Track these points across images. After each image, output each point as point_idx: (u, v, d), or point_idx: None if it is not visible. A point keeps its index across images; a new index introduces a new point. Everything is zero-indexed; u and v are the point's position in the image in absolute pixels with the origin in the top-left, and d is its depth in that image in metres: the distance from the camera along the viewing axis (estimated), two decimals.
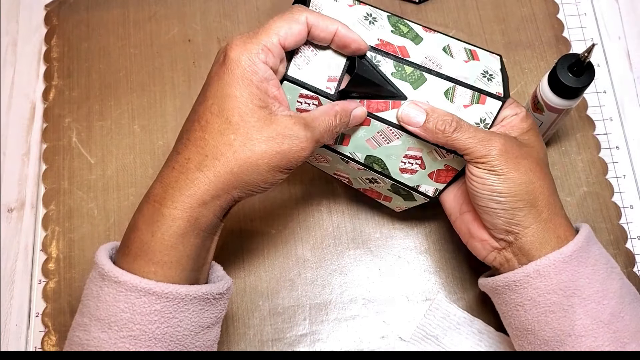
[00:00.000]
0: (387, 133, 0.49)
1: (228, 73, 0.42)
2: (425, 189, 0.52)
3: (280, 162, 0.43)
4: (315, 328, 0.58)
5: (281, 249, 0.61)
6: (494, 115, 0.49)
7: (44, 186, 0.63)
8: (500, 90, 0.49)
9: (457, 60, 0.49)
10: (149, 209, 0.43)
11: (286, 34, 0.43)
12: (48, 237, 0.61)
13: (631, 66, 0.68)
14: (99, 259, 0.43)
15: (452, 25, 0.69)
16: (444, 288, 0.59)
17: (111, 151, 0.64)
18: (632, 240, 0.61)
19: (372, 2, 0.69)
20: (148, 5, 0.70)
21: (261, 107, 0.42)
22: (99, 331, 0.41)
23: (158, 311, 0.41)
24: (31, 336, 0.59)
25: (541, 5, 0.70)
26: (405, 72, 0.48)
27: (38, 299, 0.60)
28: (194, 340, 0.43)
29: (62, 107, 0.66)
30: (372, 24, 0.48)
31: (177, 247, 0.42)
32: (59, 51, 0.68)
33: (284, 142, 0.42)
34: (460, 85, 0.48)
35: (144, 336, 0.41)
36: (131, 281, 0.41)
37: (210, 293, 0.43)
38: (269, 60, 0.43)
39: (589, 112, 0.66)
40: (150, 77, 0.67)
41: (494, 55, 0.52)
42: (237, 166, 0.42)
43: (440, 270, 0.60)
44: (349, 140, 0.50)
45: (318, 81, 0.46)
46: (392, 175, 0.51)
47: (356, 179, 0.55)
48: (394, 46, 0.48)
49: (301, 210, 0.62)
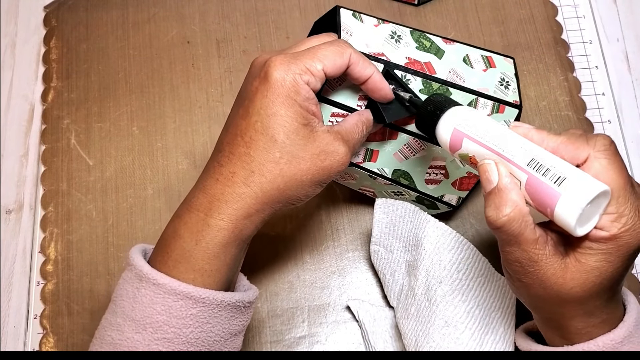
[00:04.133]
0: (413, 144, 0.51)
1: (272, 92, 0.43)
2: (449, 198, 0.55)
3: (322, 177, 0.45)
4: (314, 330, 0.58)
5: (280, 251, 0.61)
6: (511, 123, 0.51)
7: (43, 188, 0.63)
8: (516, 99, 0.52)
9: (476, 70, 0.52)
10: (192, 217, 0.44)
11: (330, 64, 0.44)
12: (46, 239, 0.61)
13: (630, 68, 0.68)
14: (135, 261, 0.43)
15: (451, 28, 0.69)
16: None
17: (110, 153, 0.64)
18: None
19: (373, 5, 0.70)
20: (147, 7, 0.70)
21: (304, 124, 0.44)
22: (133, 332, 0.42)
23: (194, 315, 0.42)
24: (29, 338, 0.58)
25: (540, 7, 0.70)
26: (432, 88, 0.50)
27: (36, 301, 0.59)
28: (223, 347, 0.44)
29: (61, 108, 0.66)
30: (398, 42, 0.50)
31: (220, 256, 0.43)
32: (58, 52, 0.68)
33: (327, 158, 0.44)
34: (482, 97, 0.51)
35: (178, 339, 0.42)
36: (170, 284, 0.42)
37: (242, 301, 0.45)
38: (310, 82, 0.44)
39: (587, 115, 0.66)
40: (149, 78, 0.67)
41: (508, 60, 0.54)
42: (283, 183, 0.43)
43: None
44: (377, 155, 0.52)
45: (349, 100, 0.49)
46: (418, 187, 0.53)
47: (381, 192, 0.56)
48: (421, 63, 0.50)
49: (300, 213, 0.62)
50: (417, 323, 0.51)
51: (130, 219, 0.62)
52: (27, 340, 0.58)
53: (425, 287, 0.51)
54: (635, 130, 0.66)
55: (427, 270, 0.51)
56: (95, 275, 0.60)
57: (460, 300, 0.50)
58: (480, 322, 0.50)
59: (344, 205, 0.62)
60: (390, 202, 0.54)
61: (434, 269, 0.51)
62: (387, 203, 0.54)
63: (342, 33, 0.49)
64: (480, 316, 0.50)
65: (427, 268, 0.51)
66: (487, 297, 0.51)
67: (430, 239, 0.51)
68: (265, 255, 0.60)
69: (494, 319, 0.51)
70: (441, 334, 0.49)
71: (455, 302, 0.50)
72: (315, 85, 0.44)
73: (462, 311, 0.50)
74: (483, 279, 0.51)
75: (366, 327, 0.56)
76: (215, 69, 0.67)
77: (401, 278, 0.55)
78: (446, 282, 0.50)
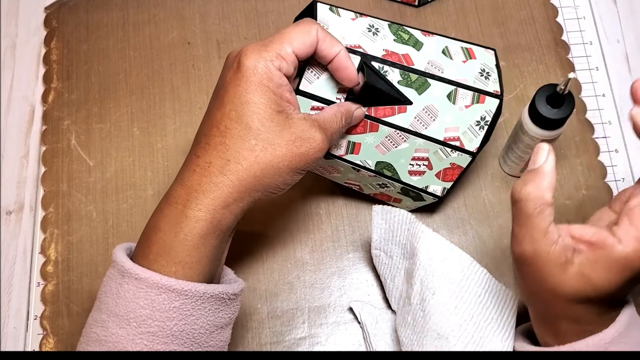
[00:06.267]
0: (395, 137, 0.51)
1: (245, 80, 0.44)
2: (434, 189, 0.54)
3: (299, 164, 0.45)
4: (314, 331, 0.58)
5: (280, 251, 0.61)
6: (493, 112, 0.52)
7: (43, 189, 0.63)
8: (497, 89, 0.52)
9: (455, 61, 0.51)
10: (172, 210, 0.44)
11: (299, 44, 0.45)
12: (47, 240, 0.61)
13: (630, 69, 0.68)
14: (118, 257, 0.44)
15: (451, 29, 0.69)
16: None
17: (110, 154, 0.64)
18: None
19: (372, 6, 0.70)
20: (147, 8, 0.70)
21: (278, 111, 0.44)
22: (117, 327, 0.42)
23: (177, 308, 0.42)
24: (29, 339, 0.59)
25: (540, 8, 0.70)
26: (410, 79, 0.50)
27: (36, 302, 0.59)
28: (209, 339, 0.44)
29: (61, 109, 0.66)
30: (375, 34, 0.50)
31: (199, 247, 0.43)
32: (58, 53, 0.68)
33: (303, 145, 0.44)
34: (461, 88, 0.51)
35: (162, 333, 0.42)
36: (152, 278, 0.42)
37: (226, 293, 0.45)
38: (282, 67, 0.44)
39: (587, 116, 0.66)
40: (149, 79, 0.67)
41: (489, 51, 0.54)
42: (259, 170, 0.43)
43: None
44: (360, 148, 0.51)
45: (328, 93, 0.49)
46: (402, 178, 0.53)
47: (367, 185, 0.56)
48: (398, 55, 0.50)
49: (300, 213, 0.62)
50: (412, 332, 0.51)
51: (130, 220, 0.62)
52: (27, 341, 0.58)
53: (420, 297, 0.50)
54: None
55: (422, 281, 0.51)
56: (95, 276, 0.60)
57: (452, 313, 0.49)
58: (474, 335, 0.49)
59: (344, 206, 0.62)
60: (387, 209, 0.54)
61: (428, 279, 0.50)
62: (385, 210, 0.54)
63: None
64: (474, 329, 0.49)
65: (422, 278, 0.51)
66: (483, 309, 0.50)
67: (424, 250, 0.51)
68: (265, 256, 0.60)
69: (490, 331, 0.50)
70: (434, 346, 0.49)
71: (447, 315, 0.49)
72: (288, 69, 0.45)
73: (454, 323, 0.49)
74: (480, 290, 0.50)
75: (368, 329, 0.56)
76: (216, 69, 0.67)
77: (401, 284, 0.55)
78: (439, 293, 0.49)
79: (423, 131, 0.50)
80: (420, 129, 0.50)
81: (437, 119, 0.50)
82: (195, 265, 0.43)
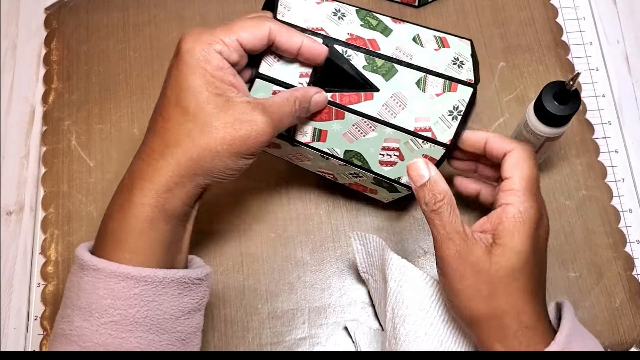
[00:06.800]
0: (362, 125, 0.49)
1: (182, 64, 0.44)
2: (407, 180, 0.51)
3: (240, 148, 0.44)
4: (314, 332, 0.58)
5: (280, 252, 0.61)
6: (467, 102, 0.50)
7: (43, 189, 0.63)
8: (470, 77, 0.50)
9: (427, 49, 0.50)
10: (120, 198, 0.44)
11: (247, 36, 0.45)
12: (47, 240, 0.61)
13: (630, 70, 0.68)
14: (78, 252, 0.44)
15: (451, 29, 0.69)
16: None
17: (110, 154, 0.64)
18: (631, 244, 0.61)
19: (372, 6, 0.70)
20: (147, 9, 0.70)
21: (217, 94, 0.43)
22: (81, 320, 0.42)
23: (137, 295, 0.42)
24: (30, 339, 0.59)
25: (540, 9, 0.70)
26: (376, 64, 0.48)
27: (37, 302, 0.59)
28: (175, 325, 0.44)
29: (62, 110, 0.66)
30: (341, 19, 0.49)
31: (148, 233, 0.43)
32: (59, 54, 0.68)
33: (242, 127, 0.43)
34: (431, 75, 0.49)
35: (125, 321, 0.42)
36: (109, 267, 0.42)
37: (188, 277, 0.44)
38: (223, 51, 0.44)
39: (587, 116, 0.66)
40: (149, 80, 0.67)
41: (464, 41, 0.52)
42: (196, 153, 0.43)
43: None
44: (326, 135, 0.50)
45: (290, 77, 0.48)
46: (372, 168, 0.51)
47: (340, 174, 0.55)
48: (364, 40, 0.49)
49: (300, 214, 0.62)
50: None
51: None
52: (27, 341, 0.58)
53: (392, 324, 0.50)
54: (636, 131, 0.66)
55: (392, 308, 0.50)
56: None
57: (423, 340, 0.48)
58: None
59: (344, 206, 0.62)
60: (362, 234, 0.53)
61: (398, 306, 0.50)
62: (360, 235, 0.54)
63: (279, 7, 0.48)
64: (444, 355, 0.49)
65: (392, 306, 0.50)
66: (451, 335, 0.49)
67: (394, 277, 0.50)
68: (265, 257, 0.60)
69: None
70: None
71: (418, 342, 0.48)
72: (230, 55, 0.44)
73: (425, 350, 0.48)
74: (448, 316, 0.50)
75: (361, 349, 0.55)
76: None
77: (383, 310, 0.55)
78: (409, 321, 0.49)
79: (392, 120, 0.49)
80: (388, 118, 0.49)
81: (406, 107, 0.49)
82: (148, 250, 0.43)
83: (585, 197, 0.62)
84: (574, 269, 0.60)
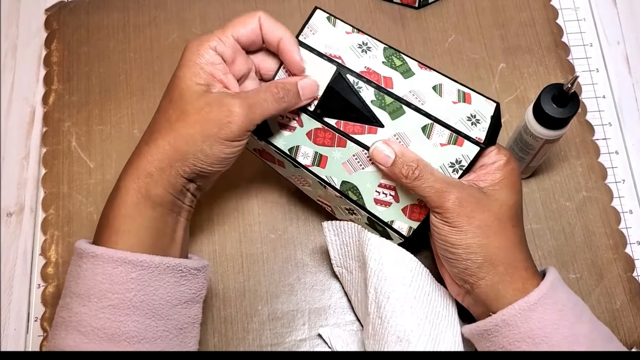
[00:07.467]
0: (363, 157, 0.49)
1: (180, 60, 0.47)
2: (400, 226, 0.50)
3: (212, 131, 0.45)
4: (314, 333, 0.58)
5: (280, 253, 0.61)
6: (471, 159, 0.48)
7: (44, 190, 0.63)
8: (481, 136, 0.48)
9: (444, 99, 0.49)
10: (115, 188, 0.47)
11: (240, 28, 0.48)
12: (47, 242, 0.61)
13: (630, 71, 0.68)
14: (77, 244, 0.45)
15: (451, 31, 0.69)
16: None
17: (111, 155, 0.64)
18: (632, 245, 0.61)
19: (372, 8, 0.70)
20: (148, 10, 0.70)
21: (199, 84, 0.46)
22: (80, 306, 0.43)
23: (134, 279, 0.43)
24: (30, 340, 0.59)
25: (540, 10, 0.70)
26: (384, 101, 0.48)
27: (37, 304, 0.59)
28: (172, 312, 0.45)
29: (62, 111, 0.66)
30: (365, 52, 0.50)
31: (133, 216, 0.45)
32: (59, 55, 0.68)
33: (213, 110, 0.45)
34: (438, 124, 0.48)
35: (123, 304, 0.43)
36: (107, 253, 0.43)
37: (185, 266, 0.46)
38: (218, 48, 0.47)
39: (588, 117, 0.66)
40: (150, 81, 0.67)
41: (490, 102, 0.50)
42: (173, 138, 0.45)
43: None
44: (327, 162, 0.50)
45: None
46: (367, 206, 0.51)
47: (337, 208, 0.54)
48: (379, 76, 0.49)
49: (300, 215, 0.62)
50: (374, 342, 0.51)
51: None
52: (27, 342, 0.58)
53: (376, 304, 0.50)
54: (636, 132, 0.66)
55: (375, 287, 0.50)
56: None
57: (409, 314, 0.49)
58: (430, 333, 0.49)
59: None
60: (337, 223, 0.54)
61: (381, 284, 0.50)
62: (334, 224, 0.54)
63: (305, 30, 0.49)
64: (430, 327, 0.49)
65: (375, 285, 0.50)
66: (434, 308, 0.50)
67: (374, 256, 0.51)
68: (265, 258, 0.60)
69: (443, 327, 0.50)
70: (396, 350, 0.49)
71: (405, 316, 0.49)
72: (224, 50, 0.47)
73: (412, 324, 0.49)
74: (428, 288, 0.51)
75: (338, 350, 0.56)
76: None
77: (361, 297, 0.55)
78: (393, 296, 0.49)
79: None
80: None
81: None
82: (134, 234, 0.44)
83: (586, 199, 0.62)
84: (575, 270, 0.60)
